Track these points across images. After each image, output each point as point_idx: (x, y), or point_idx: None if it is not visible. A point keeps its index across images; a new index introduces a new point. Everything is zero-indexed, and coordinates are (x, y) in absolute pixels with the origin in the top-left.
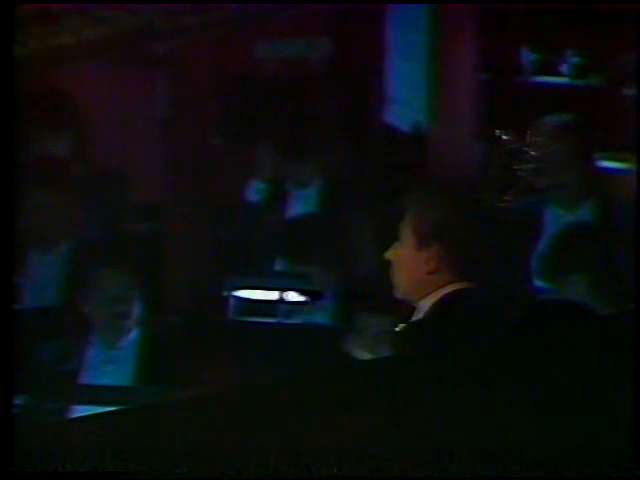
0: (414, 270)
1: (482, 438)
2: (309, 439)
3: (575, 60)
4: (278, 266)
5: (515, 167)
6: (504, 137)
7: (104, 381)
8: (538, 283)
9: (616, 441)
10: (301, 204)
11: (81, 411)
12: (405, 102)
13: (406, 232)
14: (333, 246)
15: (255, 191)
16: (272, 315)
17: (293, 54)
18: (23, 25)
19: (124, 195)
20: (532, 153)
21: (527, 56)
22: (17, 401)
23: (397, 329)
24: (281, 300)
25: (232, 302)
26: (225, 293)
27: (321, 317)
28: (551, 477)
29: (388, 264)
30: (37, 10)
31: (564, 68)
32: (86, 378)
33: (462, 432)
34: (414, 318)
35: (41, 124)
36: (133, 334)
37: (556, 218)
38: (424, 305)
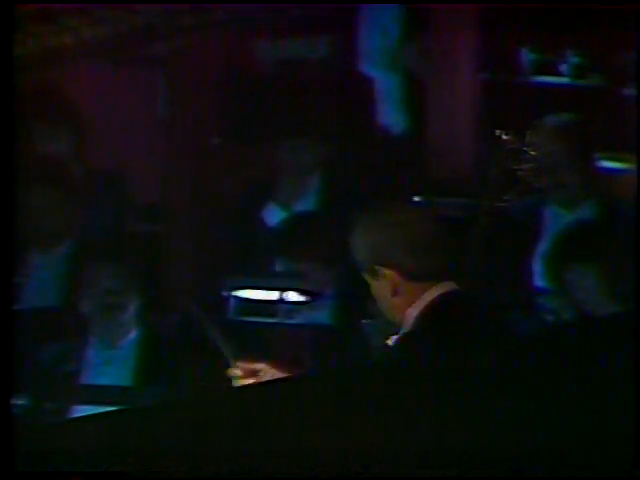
0: (380, 295)
1: (482, 439)
2: (309, 439)
3: (575, 60)
4: (278, 266)
5: (515, 167)
6: (504, 137)
7: (104, 381)
8: (539, 283)
9: (616, 441)
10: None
11: (81, 411)
12: (404, 103)
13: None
14: (333, 244)
15: (272, 216)
16: (272, 315)
17: (293, 54)
18: (23, 25)
19: (124, 195)
20: (532, 153)
21: (527, 56)
22: (17, 401)
23: (389, 341)
24: (281, 300)
25: (232, 302)
26: (225, 293)
27: (321, 317)
28: (551, 477)
29: None
30: (37, 10)
31: (564, 68)
32: (86, 378)
33: (462, 434)
34: (404, 329)
35: (41, 124)
36: (133, 334)
37: (556, 218)
38: (413, 312)
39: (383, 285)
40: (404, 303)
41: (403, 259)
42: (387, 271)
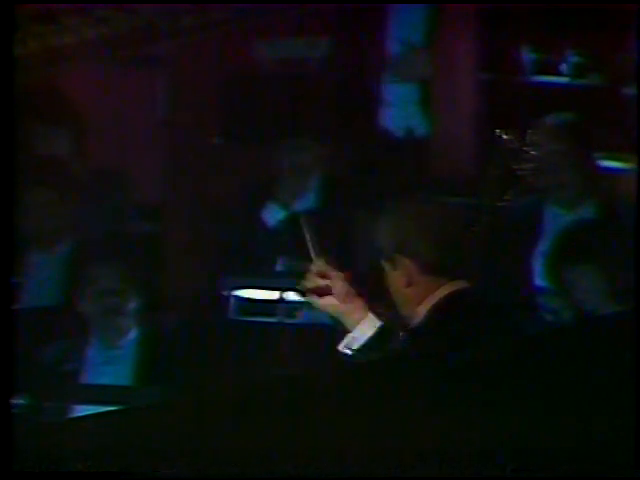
0: (394, 285)
1: (483, 438)
2: (309, 439)
3: (575, 60)
4: (278, 266)
5: (515, 167)
6: (504, 137)
7: (104, 381)
8: (539, 282)
9: (616, 441)
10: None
11: (81, 411)
12: (404, 103)
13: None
14: (333, 243)
15: (272, 215)
16: (272, 315)
17: (293, 54)
18: (23, 25)
19: (124, 195)
20: (532, 153)
21: (527, 56)
22: (17, 401)
23: (399, 336)
24: (281, 300)
25: (232, 302)
26: (225, 293)
27: (321, 317)
28: (551, 477)
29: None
30: (37, 10)
31: (564, 68)
32: (86, 378)
33: (463, 432)
34: (413, 324)
35: (41, 124)
36: (133, 334)
37: (556, 218)
38: (423, 307)
39: (399, 275)
40: (416, 296)
41: (423, 250)
42: (405, 260)
